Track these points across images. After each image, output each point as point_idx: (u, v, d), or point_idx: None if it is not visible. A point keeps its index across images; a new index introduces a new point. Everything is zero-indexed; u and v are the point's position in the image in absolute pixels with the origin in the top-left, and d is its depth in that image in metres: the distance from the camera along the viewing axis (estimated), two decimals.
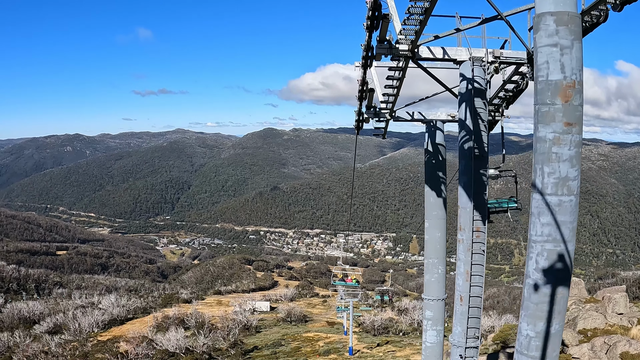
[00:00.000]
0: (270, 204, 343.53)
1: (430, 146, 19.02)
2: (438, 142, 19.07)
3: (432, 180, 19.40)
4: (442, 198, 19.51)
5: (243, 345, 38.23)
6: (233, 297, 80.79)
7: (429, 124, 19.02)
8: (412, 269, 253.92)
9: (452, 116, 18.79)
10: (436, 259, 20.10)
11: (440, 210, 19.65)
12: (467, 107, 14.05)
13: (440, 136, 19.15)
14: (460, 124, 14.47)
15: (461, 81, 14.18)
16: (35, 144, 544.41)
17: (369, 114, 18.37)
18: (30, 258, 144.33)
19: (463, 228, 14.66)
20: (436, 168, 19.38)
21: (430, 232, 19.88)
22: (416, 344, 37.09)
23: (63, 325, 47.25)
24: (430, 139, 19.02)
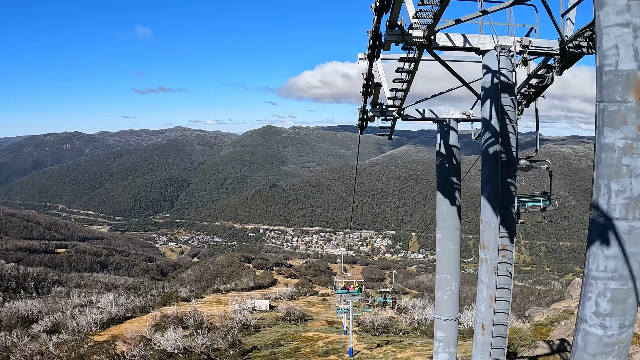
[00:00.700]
0: (269, 202, 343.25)
1: (443, 148, 17.02)
2: (452, 143, 17.04)
3: (445, 187, 17.18)
4: (457, 206, 17.17)
5: (242, 345, 38.01)
6: (232, 296, 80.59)
7: (441, 123, 17.06)
8: (411, 266, 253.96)
9: (467, 114, 17.08)
10: (449, 274, 17.47)
11: (454, 220, 17.21)
12: (493, 105, 12.19)
13: (454, 137, 17.19)
14: (485, 125, 12.62)
15: (485, 74, 12.40)
16: (34, 141, 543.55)
17: (374, 112, 16.43)
18: (29, 256, 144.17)
19: (487, 246, 12.70)
20: (450, 172, 17.22)
21: (443, 245, 17.45)
22: (417, 345, 36.86)
23: (61, 325, 47.06)
24: (442, 140, 17.02)
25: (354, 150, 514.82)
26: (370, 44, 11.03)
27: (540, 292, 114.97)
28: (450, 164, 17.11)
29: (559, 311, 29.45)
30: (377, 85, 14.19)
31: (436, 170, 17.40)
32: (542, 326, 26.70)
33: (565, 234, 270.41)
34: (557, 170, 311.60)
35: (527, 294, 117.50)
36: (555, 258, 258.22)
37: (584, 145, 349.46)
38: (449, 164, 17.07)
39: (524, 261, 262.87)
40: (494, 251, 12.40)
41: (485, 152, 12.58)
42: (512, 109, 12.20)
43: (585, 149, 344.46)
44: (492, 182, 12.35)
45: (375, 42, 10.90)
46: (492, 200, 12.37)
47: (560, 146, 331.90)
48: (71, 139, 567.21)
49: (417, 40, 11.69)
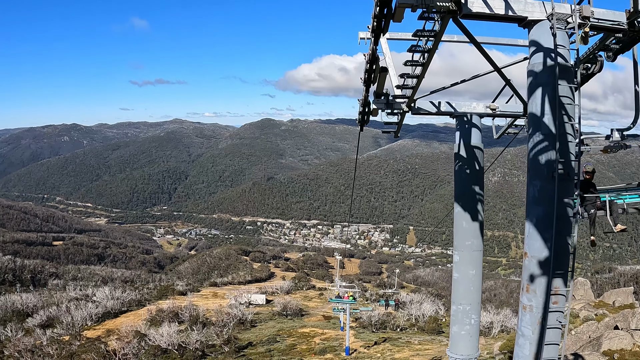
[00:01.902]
0: (267, 195, 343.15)
1: (462, 149, 13.82)
2: (474, 143, 13.78)
3: (465, 197, 13.88)
4: (479, 222, 13.90)
5: (237, 341, 37.72)
6: (229, 289, 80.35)
7: (461, 118, 13.89)
8: (409, 260, 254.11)
9: (493, 109, 13.82)
10: (468, 304, 14.06)
11: (475, 240, 13.87)
12: (546, 95, 9.19)
13: (477, 136, 13.95)
14: (533, 123, 9.54)
15: (533, 53, 9.45)
16: (32, 133, 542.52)
17: (378, 104, 13.22)
18: (26, 249, 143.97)
19: (533, 289, 9.50)
20: (471, 180, 13.85)
21: (462, 269, 14.06)
22: (414, 343, 36.65)
23: (56, 319, 46.78)
24: (462, 139, 13.83)
25: (352, 143, 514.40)
26: (376, 12, 8.38)
27: None
28: (472, 170, 13.87)
29: None
30: (383, 70, 11.02)
31: (454, 177, 14.32)
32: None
33: None
34: None
35: None
36: None
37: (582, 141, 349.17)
38: (470, 169, 13.85)
39: (521, 256, 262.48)
40: (542, 296, 9.42)
41: (535, 161, 9.66)
42: (571, 102, 9.43)
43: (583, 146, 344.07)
44: (543, 202, 9.44)
45: (383, 9, 8.30)
46: (544, 228, 9.40)
47: None
48: (69, 131, 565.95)
49: (443, 4, 8.82)
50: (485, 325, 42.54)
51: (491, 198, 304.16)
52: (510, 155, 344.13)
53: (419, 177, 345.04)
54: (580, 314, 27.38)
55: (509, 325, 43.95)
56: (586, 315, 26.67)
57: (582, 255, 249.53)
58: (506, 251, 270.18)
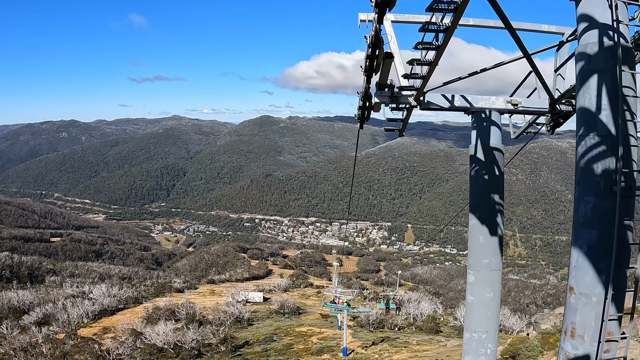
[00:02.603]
0: (265, 192, 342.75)
1: (480, 151, 11.28)
2: (494, 144, 11.26)
3: (482, 208, 11.43)
4: (498, 237, 11.51)
5: (234, 340, 37.50)
6: (226, 287, 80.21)
7: (478, 115, 11.35)
8: (406, 258, 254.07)
9: (515, 104, 11.35)
10: (484, 332, 11.60)
11: (494, 257, 11.50)
12: (603, 85, 7.08)
13: (497, 135, 11.40)
14: (585, 120, 7.32)
15: (583, 31, 7.32)
16: (30, 129, 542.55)
17: (381, 98, 10.82)
18: (24, 245, 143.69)
19: (579, 334, 7.25)
20: (490, 187, 11.42)
21: (477, 291, 11.58)
22: (412, 343, 36.44)
23: (52, 316, 46.57)
24: (479, 139, 11.28)
25: (351, 141, 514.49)
26: None
27: (536, 286, 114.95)
28: (491, 175, 11.35)
29: None
30: (388, 56, 8.53)
31: (470, 183, 11.75)
32: (550, 335, 25.31)
33: (561, 228, 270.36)
34: (553, 165, 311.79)
35: (522, 288, 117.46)
36: (551, 252, 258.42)
37: None
38: (489, 174, 11.31)
39: (519, 255, 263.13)
40: (592, 343, 7.18)
41: (587, 171, 7.35)
42: (634, 94, 7.24)
43: None
44: (598, 224, 7.15)
45: None
46: (597, 257, 7.11)
47: (557, 140, 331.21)
48: (67, 127, 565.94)
49: None
50: None
51: None
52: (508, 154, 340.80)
53: (418, 175, 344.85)
54: None
55: (507, 324, 43.75)
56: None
57: None
58: (504, 250, 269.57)
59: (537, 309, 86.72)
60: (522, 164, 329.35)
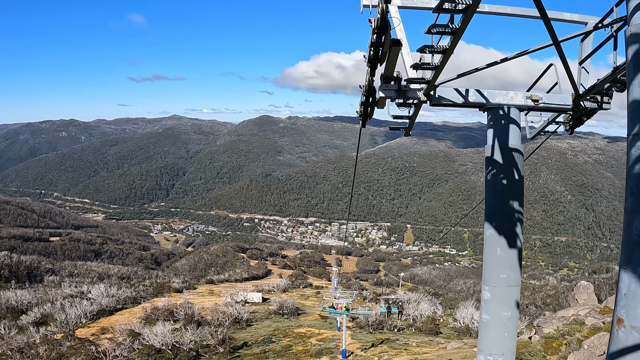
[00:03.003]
0: (265, 192, 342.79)
1: (497, 152, 9.84)
2: (513, 145, 9.81)
3: (501, 216, 9.83)
4: (518, 249, 9.92)
5: (232, 341, 37.37)
6: (225, 287, 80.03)
7: (495, 112, 9.95)
8: (406, 258, 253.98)
9: (535, 100, 9.90)
10: (500, 355, 10.16)
11: (512, 272, 9.85)
12: None
13: (517, 135, 9.97)
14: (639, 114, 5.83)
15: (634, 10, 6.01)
16: (30, 129, 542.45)
17: (386, 91, 9.31)
18: (23, 244, 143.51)
19: None
20: (509, 193, 9.83)
21: (493, 309, 9.98)
22: (412, 345, 36.28)
23: (49, 317, 46.42)
24: (497, 139, 9.90)
25: (350, 141, 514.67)
26: None
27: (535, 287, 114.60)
28: (510, 179, 9.85)
29: (568, 320, 27.69)
30: (395, 43, 7.37)
31: (485, 189, 10.19)
32: (553, 339, 24.81)
33: (561, 228, 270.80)
34: (553, 165, 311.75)
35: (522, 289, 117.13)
36: (550, 253, 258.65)
37: (580, 140, 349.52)
38: (507, 178, 9.82)
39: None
40: None
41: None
42: None
43: (581, 144, 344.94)
44: None
45: None
46: None
47: (556, 141, 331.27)
48: (67, 126, 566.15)
49: None
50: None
51: None
52: None
53: (417, 175, 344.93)
54: (586, 321, 26.26)
55: None
56: (593, 323, 25.43)
57: (579, 255, 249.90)
58: None
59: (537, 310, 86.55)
60: None
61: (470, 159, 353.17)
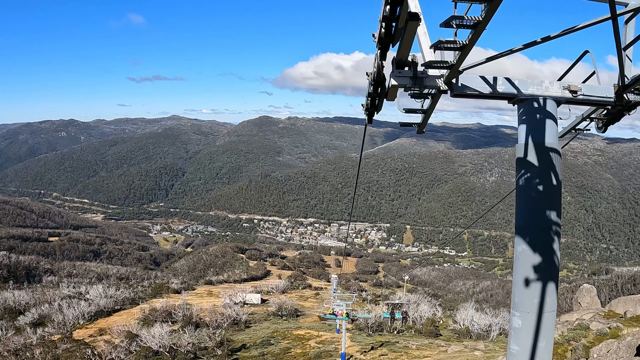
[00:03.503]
0: (264, 192, 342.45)
1: (532, 152, 8.13)
2: (549, 143, 8.21)
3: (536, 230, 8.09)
4: (555, 269, 8.29)
5: (231, 343, 37.11)
6: (224, 288, 79.84)
7: (528, 105, 8.20)
8: (405, 259, 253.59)
9: (574, 92, 8.22)
10: None
11: (549, 296, 7.97)
12: None
13: (554, 132, 8.34)
14: None
15: None
16: (29, 129, 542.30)
17: (400, 79, 7.40)
18: (21, 244, 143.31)
19: None
20: (545, 202, 8.16)
21: (525, 339, 7.99)
22: (412, 347, 36.02)
23: (47, 317, 46.18)
24: (530, 137, 8.16)
25: (350, 142, 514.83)
26: None
27: None
28: (548, 185, 8.07)
29: (573, 324, 27.15)
30: (413, 17, 5.73)
31: (516, 195, 8.38)
32: (558, 345, 24.20)
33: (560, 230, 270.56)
34: None
35: None
36: None
37: (580, 141, 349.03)
38: (544, 184, 8.04)
39: None
40: None
41: None
42: None
43: (581, 145, 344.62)
44: None
45: None
46: None
47: None
48: (66, 126, 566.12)
49: None
50: (483, 328, 41.94)
51: (488, 198, 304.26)
52: (508, 155, 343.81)
53: (417, 176, 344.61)
54: (591, 325, 25.60)
55: (507, 328, 43.37)
56: (599, 328, 24.66)
57: (578, 256, 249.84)
58: (503, 251, 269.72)
59: None
60: None
61: (470, 160, 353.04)
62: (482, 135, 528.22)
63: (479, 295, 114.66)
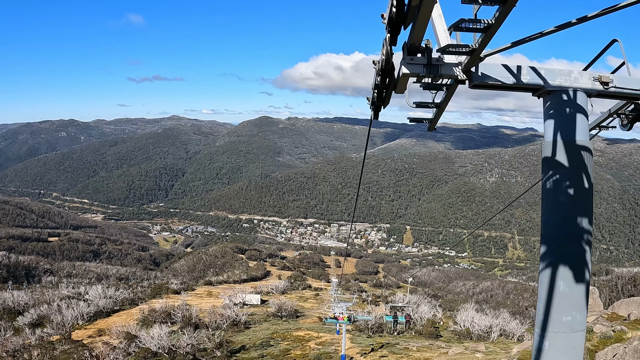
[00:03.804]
0: (264, 193, 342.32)
1: (560, 151, 7.09)
2: (580, 141, 7.19)
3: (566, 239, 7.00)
4: (585, 282, 6.78)
5: (230, 345, 36.94)
6: (224, 288, 79.66)
7: (557, 97, 7.08)
8: (405, 260, 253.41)
9: (605, 83, 7.22)
10: None
11: (579, 312, 6.71)
12: None
13: (584, 127, 7.18)
14: None
15: None
16: (29, 129, 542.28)
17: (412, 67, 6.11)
18: (21, 244, 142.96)
19: None
20: (576, 208, 7.14)
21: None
22: (412, 349, 35.88)
23: (46, 318, 46.00)
24: (559, 133, 7.05)
25: (350, 142, 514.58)
26: None
27: (535, 289, 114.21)
28: (579, 189, 7.17)
29: None
30: None
31: (542, 201, 7.23)
32: None
33: None
34: None
35: (521, 290, 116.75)
36: None
37: None
38: (574, 187, 7.14)
39: (518, 257, 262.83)
40: None
41: None
42: None
43: None
44: None
45: None
46: None
47: None
48: (66, 126, 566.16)
49: None
50: (483, 329, 41.79)
51: (488, 199, 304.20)
52: (507, 156, 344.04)
53: (416, 177, 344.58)
54: (595, 328, 25.15)
55: (507, 329, 43.28)
56: (603, 331, 24.06)
57: None
58: (503, 252, 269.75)
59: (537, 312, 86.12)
60: (522, 166, 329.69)
61: (470, 160, 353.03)
62: (482, 135, 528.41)
63: (479, 296, 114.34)
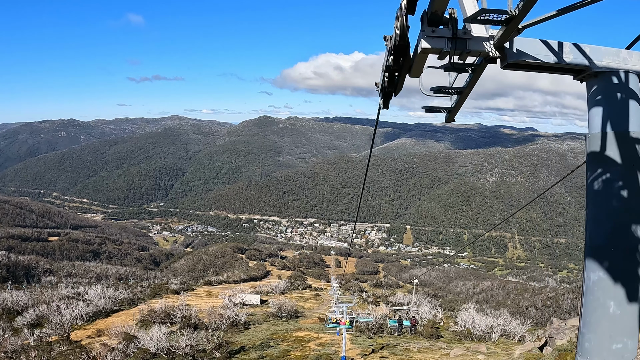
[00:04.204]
0: (264, 192, 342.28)
1: (611, 144, 5.43)
2: (635, 133, 5.36)
3: (618, 251, 5.35)
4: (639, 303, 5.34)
5: (229, 345, 36.73)
6: (223, 288, 79.47)
7: (605, 80, 5.61)
8: (405, 260, 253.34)
9: None
10: None
11: (630, 339, 5.31)
12: None
13: (639, 114, 5.42)
14: None
15: None
16: (29, 128, 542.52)
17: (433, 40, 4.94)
18: (21, 244, 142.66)
19: None
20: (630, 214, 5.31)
21: None
22: (413, 350, 35.68)
23: (45, 318, 45.75)
24: (609, 124, 5.46)
25: (350, 142, 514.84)
26: None
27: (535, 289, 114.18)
28: (633, 190, 5.35)
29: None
30: None
31: (587, 204, 5.76)
32: (567, 352, 23.35)
33: (560, 230, 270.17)
34: (552, 167, 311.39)
35: (522, 290, 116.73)
36: (550, 254, 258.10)
37: (580, 142, 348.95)
38: (629, 188, 5.36)
39: (518, 257, 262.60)
40: None
41: None
42: None
43: (581, 145, 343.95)
44: None
45: None
46: None
47: (556, 142, 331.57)
48: (66, 126, 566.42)
49: None
50: (484, 330, 41.54)
51: (488, 198, 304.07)
52: (508, 156, 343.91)
53: (416, 177, 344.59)
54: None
55: (508, 329, 43.04)
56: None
57: (579, 256, 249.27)
58: (503, 252, 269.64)
59: (537, 312, 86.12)
60: (522, 166, 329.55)
61: (470, 160, 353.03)
62: (482, 135, 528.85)
63: (480, 296, 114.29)
